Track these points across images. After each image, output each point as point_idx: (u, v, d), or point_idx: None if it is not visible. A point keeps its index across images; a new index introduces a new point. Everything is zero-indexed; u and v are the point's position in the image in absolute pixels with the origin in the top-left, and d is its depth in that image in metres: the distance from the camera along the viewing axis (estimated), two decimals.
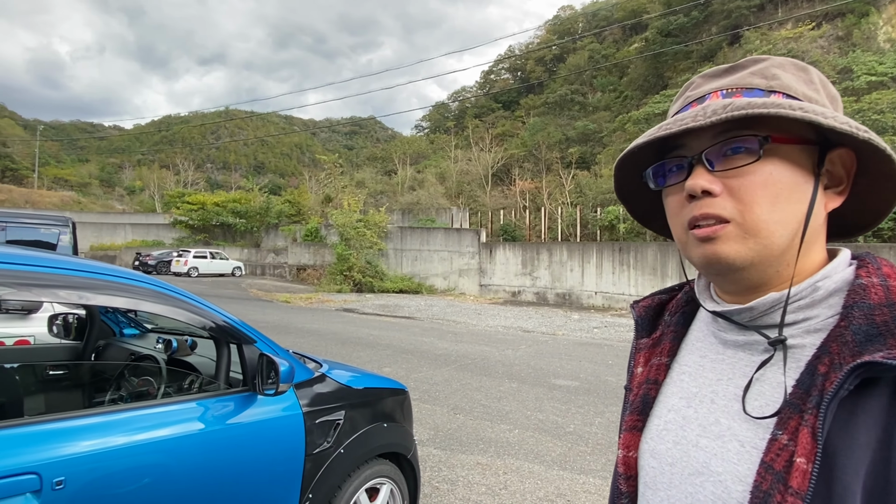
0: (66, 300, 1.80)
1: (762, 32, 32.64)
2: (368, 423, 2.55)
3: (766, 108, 0.58)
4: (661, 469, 0.69)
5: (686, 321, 0.79)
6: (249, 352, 2.06)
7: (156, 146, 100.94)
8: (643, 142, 0.66)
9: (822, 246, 0.67)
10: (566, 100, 49.51)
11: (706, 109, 0.61)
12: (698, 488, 0.63)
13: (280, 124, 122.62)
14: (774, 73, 0.64)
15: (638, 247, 16.97)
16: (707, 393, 0.68)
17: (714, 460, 0.63)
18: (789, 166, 0.61)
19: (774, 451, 0.57)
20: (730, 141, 0.62)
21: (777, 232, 0.61)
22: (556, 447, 4.67)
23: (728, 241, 0.62)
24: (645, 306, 0.85)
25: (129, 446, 1.66)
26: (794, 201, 0.61)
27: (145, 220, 41.96)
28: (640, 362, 0.81)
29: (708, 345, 0.73)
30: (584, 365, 8.19)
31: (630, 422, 0.76)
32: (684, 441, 0.67)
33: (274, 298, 18.53)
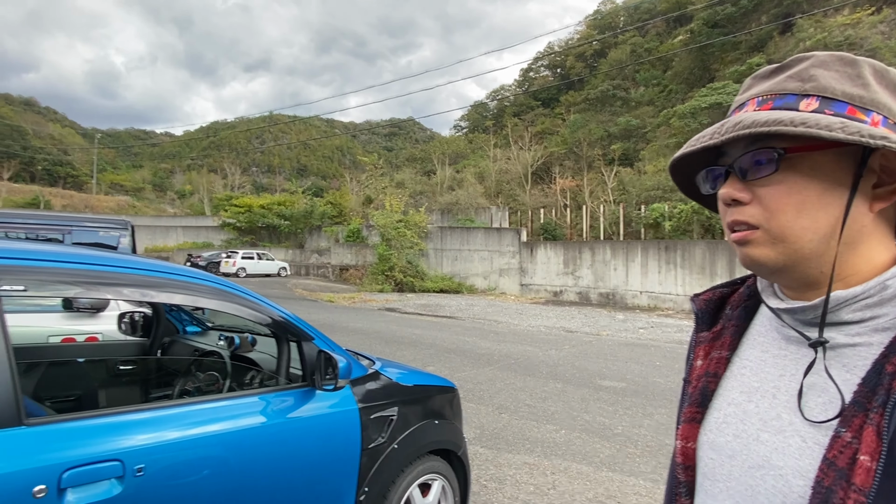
0: (139, 299, 1.90)
1: (816, 20, 31.13)
2: (420, 419, 2.58)
3: (765, 126, 0.60)
4: (720, 461, 0.70)
5: (748, 315, 0.79)
6: (308, 348, 2.13)
7: (204, 151, 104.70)
8: (678, 156, 0.71)
9: (884, 246, 0.65)
10: (608, 95, 48.57)
11: (723, 126, 0.64)
12: (759, 481, 0.64)
13: (322, 127, 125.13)
14: (812, 74, 0.64)
15: (685, 245, 16.50)
16: (769, 388, 0.69)
17: (775, 455, 0.63)
18: (816, 173, 0.62)
19: (837, 448, 0.57)
20: (755, 153, 0.64)
21: (805, 237, 0.62)
22: (604, 448, 4.61)
23: (759, 246, 0.65)
24: (706, 299, 0.85)
25: (201, 437, 1.75)
26: (824, 206, 0.62)
27: (195, 222, 43.62)
28: (700, 355, 0.81)
29: (770, 340, 0.73)
30: (630, 366, 8.03)
31: (689, 413, 0.77)
32: (744, 435, 0.68)
33: (318, 298, 18.94)
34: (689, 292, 16.02)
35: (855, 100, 0.62)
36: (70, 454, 1.44)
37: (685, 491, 0.77)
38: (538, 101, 61.06)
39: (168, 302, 2.48)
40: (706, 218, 19.75)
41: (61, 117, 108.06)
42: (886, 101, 0.63)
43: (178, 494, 1.64)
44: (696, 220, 19.93)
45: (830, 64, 0.65)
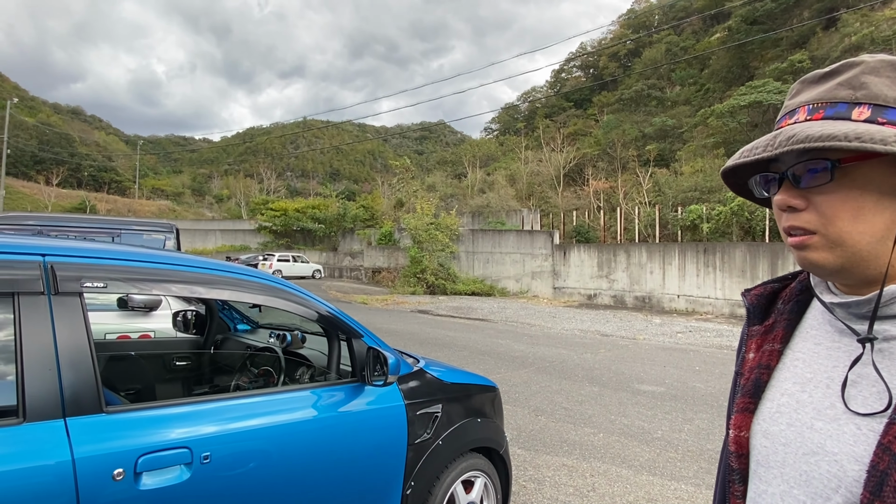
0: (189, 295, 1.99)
1: (862, 14, 29.95)
2: (463, 417, 2.63)
3: (810, 142, 0.62)
4: (773, 448, 0.73)
5: (800, 310, 0.81)
6: (358, 345, 2.20)
7: (241, 157, 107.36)
8: (729, 166, 0.74)
9: None
10: (642, 95, 47.77)
11: (777, 139, 0.66)
12: (813, 467, 0.66)
13: (354, 132, 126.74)
14: (863, 81, 0.65)
15: (724, 247, 16.10)
16: (822, 378, 0.71)
17: (829, 441, 0.65)
18: (871, 181, 0.64)
19: (893, 434, 0.59)
20: (808, 163, 0.66)
21: (863, 241, 0.65)
22: (643, 452, 4.56)
23: (817, 250, 0.67)
24: (757, 294, 0.87)
25: (260, 428, 1.83)
26: (880, 211, 0.64)
27: (232, 226, 44.80)
28: (752, 348, 0.83)
29: (823, 333, 0.75)
30: (668, 370, 7.90)
31: (742, 404, 0.79)
32: (798, 423, 0.70)
33: (352, 300, 19.21)
34: (729, 296, 15.61)
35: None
36: (145, 441, 1.54)
37: (739, 478, 0.80)
38: (570, 102, 60.49)
39: (217, 298, 2.58)
40: (746, 220, 19.21)
41: (106, 125, 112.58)
42: None
43: (240, 482, 1.73)
44: (735, 222, 19.41)
45: (882, 70, 0.66)
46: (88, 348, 1.49)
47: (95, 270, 1.59)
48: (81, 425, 1.44)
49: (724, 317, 15.20)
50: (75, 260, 1.58)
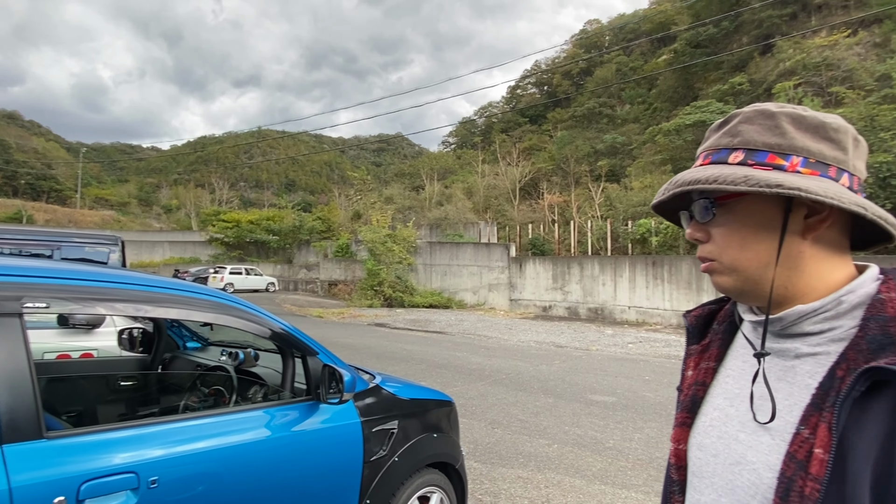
0: (134, 314, 1.93)
1: (795, 41, 32.00)
2: (419, 433, 2.64)
3: (688, 185, 0.73)
4: (706, 460, 0.79)
5: (732, 330, 0.88)
6: (313, 363, 2.18)
7: (191, 166, 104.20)
8: (653, 206, 0.86)
9: (834, 264, 0.73)
10: (594, 113, 49.33)
11: (670, 184, 0.78)
12: (737, 476, 0.73)
13: (310, 143, 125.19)
14: (739, 129, 0.75)
15: (672, 260, 16.74)
16: (747, 393, 0.76)
17: (750, 452, 0.72)
18: (750, 214, 0.73)
19: (797, 443, 0.66)
20: (701, 202, 0.77)
21: (751, 267, 0.74)
22: (596, 462, 4.67)
23: (720, 275, 0.77)
24: (696, 315, 0.94)
25: (211, 449, 1.79)
26: (761, 240, 0.73)
27: (182, 237, 43.30)
28: (691, 366, 0.90)
29: (749, 351, 0.81)
30: (620, 381, 8.12)
31: (680, 419, 0.86)
32: (726, 436, 0.77)
33: (307, 313, 18.87)
34: (677, 307, 16.20)
35: (774, 148, 0.72)
36: (88, 466, 1.48)
37: (678, 489, 0.86)
38: (526, 117, 61.79)
39: (165, 317, 2.51)
40: None
41: (45, 131, 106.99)
42: (805, 144, 0.72)
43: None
44: (682, 236, 20.24)
45: (754, 118, 0.75)
46: (28, 372, 1.43)
47: (37, 290, 1.54)
48: (19, 452, 1.38)
49: (672, 327, 15.75)
50: (15, 279, 1.52)
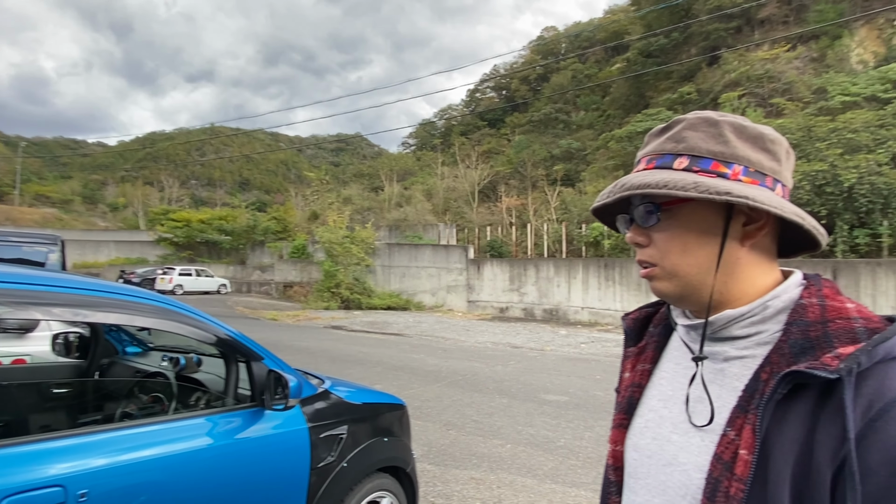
0: (72, 319, 1.85)
1: (740, 54, 33.56)
2: (369, 437, 2.62)
3: (638, 189, 0.72)
4: (641, 461, 0.81)
5: (667, 332, 0.90)
6: (258, 368, 2.13)
7: (140, 163, 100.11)
8: (594, 208, 0.84)
9: (764, 270, 0.76)
10: (550, 118, 50.23)
11: (615, 186, 0.77)
12: (669, 477, 0.75)
13: (266, 141, 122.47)
14: (683, 135, 0.76)
15: (623, 263, 17.22)
16: (680, 395, 0.79)
17: (681, 453, 0.74)
18: (692, 221, 0.74)
19: (724, 444, 0.68)
20: (644, 206, 0.77)
21: (691, 272, 0.75)
22: (547, 461, 4.75)
23: (660, 280, 0.78)
24: (633, 318, 0.96)
25: (146, 460, 1.73)
26: (702, 246, 0.74)
27: (129, 237, 41.55)
28: (628, 368, 0.92)
29: (682, 354, 0.83)
30: (572, 380, 8.29)
31: (617, 420, 0.88)
32: (660, 437, 0.78)
33: (261, 316, 18.42)
34: (627, 308, 16.67)
35: (717, 156, 0.73)
36: (12, 480, 1.41)
37: (615, 490, 0.87)
38: (485, 121, 62.31)
39: (104, 321, 2.41)
40: None
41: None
42: (746, 154, 0.73)
43: None
44: None
45: (698, 125, 0.76)
46: None
47: None
48: None
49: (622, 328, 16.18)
50: None
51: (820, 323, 0.68)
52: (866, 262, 13.35)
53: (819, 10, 33.49)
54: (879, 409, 0.60)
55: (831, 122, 18.22)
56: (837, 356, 0.62)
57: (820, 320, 0.68)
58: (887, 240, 14.68)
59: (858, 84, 21.99)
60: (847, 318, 0.67)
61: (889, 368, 0.62)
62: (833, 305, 0.69)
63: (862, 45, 30.87)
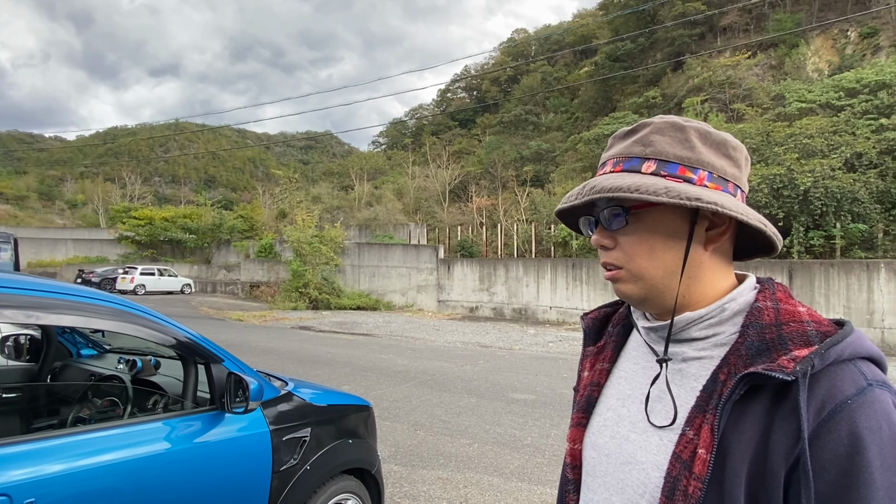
0: (24, 321, 1.78)
1: (703, 60, 34.52)
2: (334, 439, 2.60)
3: (609, 192, 0.73)
4: (599, 459, 0.81)
5: (626, 332, 0.91)
6: (217, 370, 2.09)
7: (100, 159, 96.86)
8: (559, 210, 0.83)
9: (723, 274, 0.78)
10: (520, 120, 50.70)
11: (584, 188, 0.77)
12: (627, 475, 0.76)
13: (233, 138, 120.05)
14: (651, 139, 0.77)
15: (590, 263, 17.50)
16: (638, 395, 0.80)
17: (640, 452, 0.75)
18: (660, 224, 0.75)
19: (683, 443, 0.70)
20: (611, 209, 0.77)
21: (657, 275, 0.76)
22: (514, 459, 4.79)
23: (625, 283, 0.78)
24: (592, 318, 0.97)
25: (99, 466, 1.67)
26: (668, 250, 0.75)
27: (88, 235, 40.11)
28: (587, 367, 0.93)
29: (641, 354, 0.85)
30: (540, 379, 8.39)
31: (576, 419, 0.88)
32: (618, 436, 0.79)
33: (226, 317, 18.04)
34: (594, 307, 16.94)
35: (684, 161, 0.75)
36: None
37: (573, 488, 0.87)
38: (456, 121, 62.49)
39: (58, 324, 2.33)
40: None
41: None
42: (710, 160, 0.75)
43: None
44: None
45: (665, 130, 0.77)
46: None
47: None
48: None
49: None
50: None
51: (775, 326, 0.70)
52: (820, 262, 13.90)
53: (778, 20, 34.72)
54: (831, 410, 0.62)
55: (788, 127, 18.91)
56: (793, 359, 0.64)
57: (774, 323, 0.70)
58: (840, 241, 15.32)
59: (814, 91, 22.86)
60: (800, 322, 0.69)
61: (839, 371, 0.65)
62: (787, 309, 0.71)
63: (817, 54, 32.14)
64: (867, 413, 0.62)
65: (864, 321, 13.04)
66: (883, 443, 0.60)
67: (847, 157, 16.55)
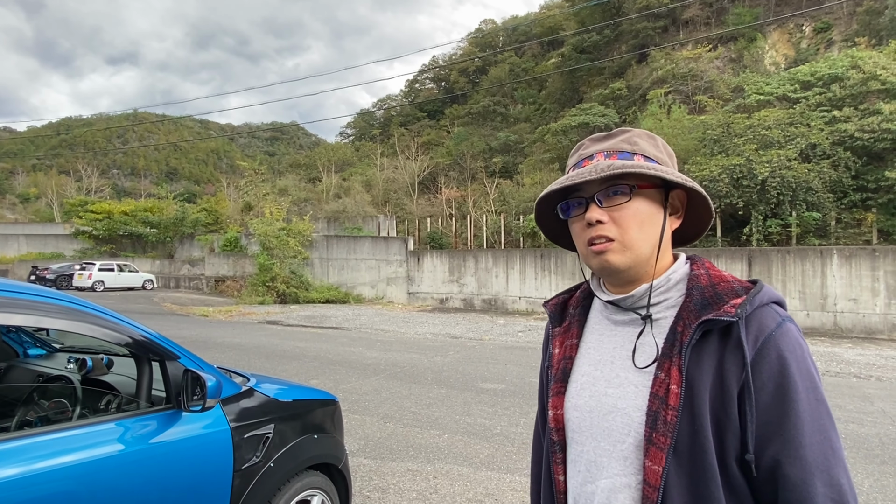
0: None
1: (666, 52, 35.10)
2: (298, 435, 2.54)
3: (635, 168, 0.90)
4: (582, 416, 0.97)
5: (585, 312, 1.09)
6: (173, 368, 2.01)
7: (54, 150, 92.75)
8: (556, 188, 0.96)
9: (670, 252, 1.00)
10: (489, 111, 50.71)
11: (596, 167, 0.92)
12: (611, 422, 0.92)
13: (195, 129, 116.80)
14: (635, 141, 0.96)
15: (558, 253, 17.70)
16: (608, 358, 0.98)
17: (620, 401, 0.92)
18: (649, 202, 0.94)
19: (657, 384, 0.87)
20: (612, 187, 0.93)
21: (643, 246, 0.93)
22: (483, 449, 4.81)
23: (614, 253, 0.93)
24: (553, 304, 1.15)
25: (47, 471, 1.59)
26: (652, 224, 0.94)
27: (42, 230, 38.39)
28: (556, 345, 1.09)
29: (603, 326, 1.02)
30: (509, 368, 8.45)
31: (556, 389, 1.03)
32: (597, 393, 0.96)
33: (190, 312, 17.60)
34: None
35: (658, 159, 0.96)
36: None
37: (559, 448, 1.01)
38: (424, 112, 62.08)
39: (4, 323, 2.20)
40: None
41: None
42: (667, 161, 0.98)
43: None
44: None
45: (643, 137, 0.98)
46: None
47: None
48: None
49: None
50: None
51: (710, 287, 0.91)
52: (777, 250, 14.38)
53: (737, 13, 35.57)
54: (763, 340, 0.84)
55: (748, 119, 19.42)
56: (733, 306, 0.85)
57: (710, 285, 0.92)
58: (795, 229, 15.87)
59: (771, 84, 23.51)
60: (728, 282, 0.91)
61: (763, 312, 0.86)
62: (716, 274, 0.94)
63: (774, 47, 33.08)
64: (786, 339, 0.84)
65: (819, 305, 13.57)
66: (798, 359, 0.83)
67: (802, 148, 17.12)
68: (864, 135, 16.84)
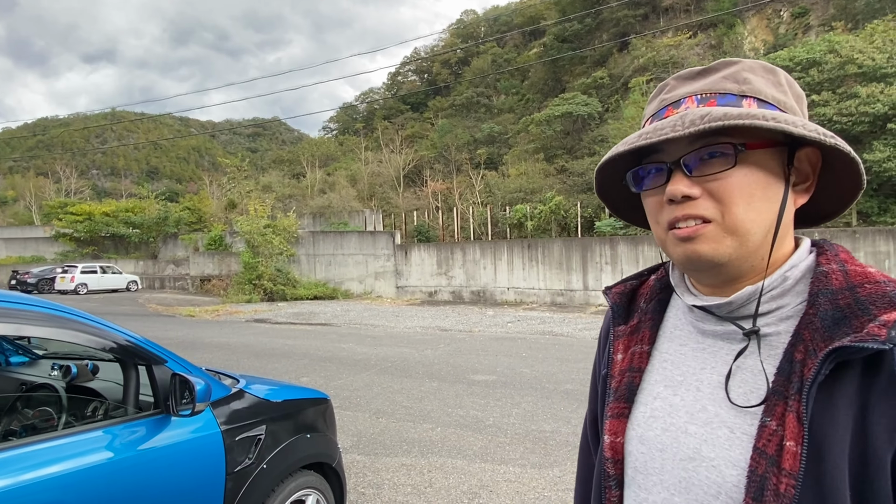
0: None
1: (647, 40, 35.29)
2: (291, 435, 2.52)
3: (741, 119, 0.60)
4: (650, 455, 0.71)
5: (662, 308, 0.80)
6: (160, 372, 1.98)
7: (30, 152, 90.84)
8: (624, 150, 0.67)
9: (791, 238, 0.70)
10: (472, 102, 50.69)
11: (684, 119, 0.63)
12: (692, 473, 0.66)
13: (175, 126, 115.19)
14: (745, 77, 0.66)
15: (545, 243, 17.79)
16: (692, 381, 0.70)
17: (704, 446, 0.65)
18: (762, 168, 0.64)
19: (765, 436, 0.59)
20: (707, 147, 0.63)
21: (753, 229, 0.64)
22: (477, 441, 4.83)
23: (708, 241, 0.64)
24: (618, 293, 0.85)
25: (32, 483, 1.55)
26: (767, 199, 0.64)
27: (21, 233, 37.71)
28: (620, 349, 0.81)
29: (687, 333, 0.75)
30: (500, 359, 8.48)
31: (616, 409, 0.77)
32: (673, 428, 0.69)
33: (176, 313, 17.41)
34: (550, 286, 17.27)
35: (780, 104, 0.66)
36: None
37: (615, 484, 0.77)
38: (407, 105, 61.85)
39: None
40: (562, 217, 21.46)
41: None
42: (794, 106, 0.67)
43: None
44: (554, 220, 21.58)
45: (757, 70, 0.68)
46: None
47: None
48: None
49: (546, 305, 16.79)
50: None
51: (847, 290, 0.61)
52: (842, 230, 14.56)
53: (716, 0, 35.82)
54: None
55: None
56: (883, 324, 0.55)
57: (846, 287, 0.61)
58: None
59: None
60: (876, 283, 0.61)
61: None
62: (855, 270, 0.63)
63: (753, 33, 33.41)
64: None
65: None
66: None
67: None
68: (843, 118, 17.10)
